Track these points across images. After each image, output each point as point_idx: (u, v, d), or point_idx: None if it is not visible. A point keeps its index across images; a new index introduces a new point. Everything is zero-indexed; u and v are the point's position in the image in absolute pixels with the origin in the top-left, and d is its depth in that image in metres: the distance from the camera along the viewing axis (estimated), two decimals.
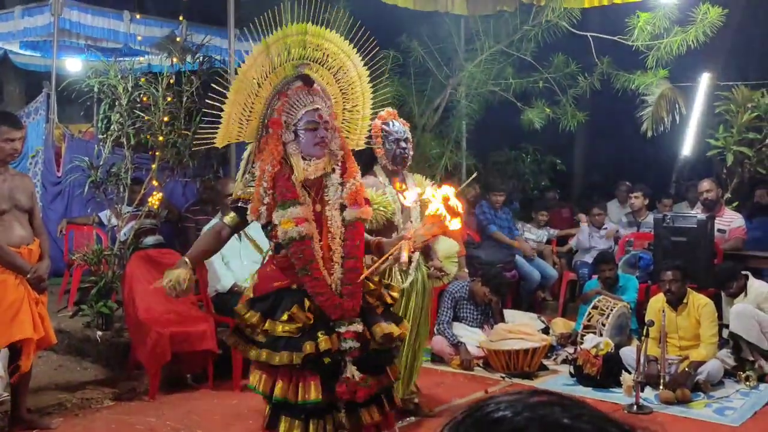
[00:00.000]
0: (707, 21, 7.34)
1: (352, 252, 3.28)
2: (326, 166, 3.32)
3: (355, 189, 3.34)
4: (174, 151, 6.42)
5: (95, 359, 5.85)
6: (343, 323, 3.20)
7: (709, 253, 6.85)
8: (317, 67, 3.47)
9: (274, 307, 3.23)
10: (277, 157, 3.26)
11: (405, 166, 4.77)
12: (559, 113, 8.75)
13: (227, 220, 3.39)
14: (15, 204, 4.44)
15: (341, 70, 3.51)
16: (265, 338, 3.20)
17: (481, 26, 8.55)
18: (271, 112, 3.33)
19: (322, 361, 3.12)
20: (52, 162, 8.01)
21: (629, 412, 5.13)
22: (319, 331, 3.14)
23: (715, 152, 8.13)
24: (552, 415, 0.81)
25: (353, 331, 3.20)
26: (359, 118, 3.64)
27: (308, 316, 3.16)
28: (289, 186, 3.23)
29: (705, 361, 5.59)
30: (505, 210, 8.59)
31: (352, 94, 3.58)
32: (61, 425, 4.74)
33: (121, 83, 6.17)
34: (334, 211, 3.30)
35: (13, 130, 4.43)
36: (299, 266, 3.19)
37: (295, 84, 3.35)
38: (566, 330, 6.91)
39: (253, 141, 3.44)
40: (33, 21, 8.23)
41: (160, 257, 5.97)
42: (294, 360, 3.09)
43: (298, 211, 3.19)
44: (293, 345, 3.12)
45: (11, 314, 4.32)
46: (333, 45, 3.46)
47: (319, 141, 3.26)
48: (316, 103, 3.30)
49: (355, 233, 3.32)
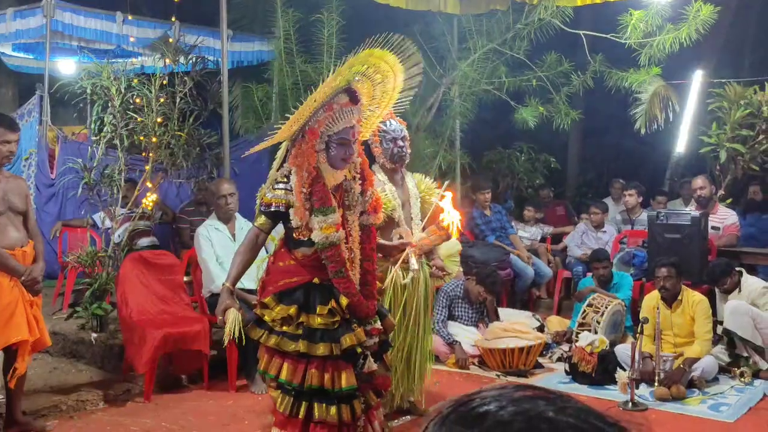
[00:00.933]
0: (700, 18, 7.35)
1: (369, 255, 3.56)
2: (347, 173, 3.58)
3: (376, 197, 3.66)
4: (168, 152, 6.42)
5: (90, 361, 5.84)
6: (369, 321, 3.50)
7: (703, 250, 6.87)
8: (364, 80, 3.64)
9: (306, 300, 3.46)
10: (312, 164, 3.44)
11: (403, 164, 4.80)
12: (552, 111, 8.75)
13: (260, 225, 3.60)
14: (9, 206, 4.44)
15: (383, 82, 3.70)
16: (301, 330, 3.41)
17: (474, 25, 8.55)
18: (314, 121, 3.49)
19: (355, 350, 3.41)
20: (45, 164, 7.99)
21: (624, 409, 5.15)
22: (352, 324, 3.44)
23: (709, 149, 8.14)
24: (536, 408, 0.81)
25: (377, 328, 3.51)
26: (375, 116, 3.90)
27: (344, 310, 3.42)
28: (326, 193, 3.45)
29: (699, 357, 5.60)
30: (497, 209, 8.59)
31: (382, 100, 3.80)
32: (55, 427, 4.74)
33: (114, 85, 6.16)
34: (355, 216, 3.56)
35: (9, 133, 4.43)
36: (335, 269, 3.41)
37: (343, 99, 3.52)
38: (561, 328, 6.93)
39: (287, 141, 3.60)
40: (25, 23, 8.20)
41: (155, 258, 5.98)
42: (334, 351, 3.35)
43: (337, 218, 3.43)
44: (331, 337, 3.38)
45: (6, 316, 4.32)
46: (386, 64, 3.60)
47: (347, 157, 3.49)
48: (354, 120, 3.52)
49: (371, 237, 3.60)
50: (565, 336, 6.71)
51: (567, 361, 5.99)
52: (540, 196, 10.34)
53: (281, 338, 3.44)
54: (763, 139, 7.81)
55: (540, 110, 8.70)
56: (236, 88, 8.57)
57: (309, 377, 3.38)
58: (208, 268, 5.70)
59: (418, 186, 4.87)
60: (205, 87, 6.78)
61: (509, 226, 8.55)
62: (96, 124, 6.43)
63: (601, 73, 8.41)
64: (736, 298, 6.06)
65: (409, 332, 4.76)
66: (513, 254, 8.12)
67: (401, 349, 4.74)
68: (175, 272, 6.00)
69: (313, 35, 7.93)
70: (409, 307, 4.73)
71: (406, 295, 4.70)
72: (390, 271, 4.48)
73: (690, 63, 9.07)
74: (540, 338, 6.21)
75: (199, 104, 6.63)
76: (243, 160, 7.79)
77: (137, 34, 8.42)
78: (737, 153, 7.91)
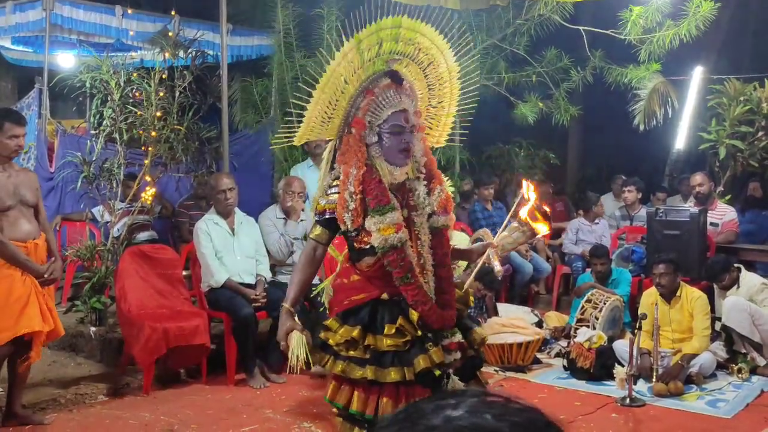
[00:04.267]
0: (700, 15, 7.34)
1: (443, 260, 3.13)
2: (410, 171, 3.15)
3: (445, 196, 3.20)
4: (167, 146, 6.41)
5: (89, 355, 5.85)
6: (447, 334, 3.05)
7: (701, 247, 6.88)
8: (407, 62, 3.24)
9: (371, 320, 3.05)
10: (362, 159, 3.04)
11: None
12: (552, 107, 8.75)
13: (317, 236, 3.18)
14: (20, 199, 4.49)
15: (432, 65, 3.30)
16: (368, 354, 3.01)
17: (474, 20, 8.54)
18: (356, 110, 3.10)
19: (432, 374, 2.98)
20: (44, 157, 7.97)
21: (622, 404, 5.16)
22: (426, 344, 2.98)
23: (708, 146, 8.15)
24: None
25: (457, 342, 3.07)
26: (444, 114, 3.45)
27: (416, 327, 2.99)
28: (383, 189, 3.03)
29: (698, 353, 5.61)
30: (498, 205, 8.59)
31: (440, 90, 3.37)
32: (54, 421, 4.75)
33: (113, 78, 6.15)
34: (423, 218, 3.14)
35: (17, 127, 4.48)
36: (400, 275, 2.99)
37: (383, 81, 3.11)
38: (560, 323, 6.93)
39: (333, 139, 3.21)
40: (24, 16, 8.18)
41: (154, 253, 5.98)
42: (407, 376, 2.93)
43: (397, 217, 3.01)
44: (403, 360, 2.97)
45: (18, 308, 4.37)
46: (426, 39, 3.23)
47: (404, 147, 3.07)
48: (403, 104, 3.08)
49: (444, 240, 3.17)
50: (564, 332, 6.72)
51: (565, 356, 6.00)
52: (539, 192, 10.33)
53: (348, 364, 3.01)
54: (762, 136, 7.82)
55: (539, 106, 8.71)
56: (235, 83, 8.56)
57: (382, 407, 2.95)
58: (207, 263, 5.70)
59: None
60: (205, 81, 6.77)
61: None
62: (95, 117, 6.42)
63: (600, 69, 8.42)
64: (734, 295, 6.07)
65: None
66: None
67: None
68: (174, 266, 6.00)
69: (313, 30, 7.92)
70: None
71: None
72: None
73: (689, 59, 9.05)
74: (538, 334, 6.22)
75: (199, 98, 6.62)
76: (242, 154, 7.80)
77: (137, 28, 8.40)
78: (737, 149, 7.91)
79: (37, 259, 4.54)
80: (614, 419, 5.00)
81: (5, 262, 4.38)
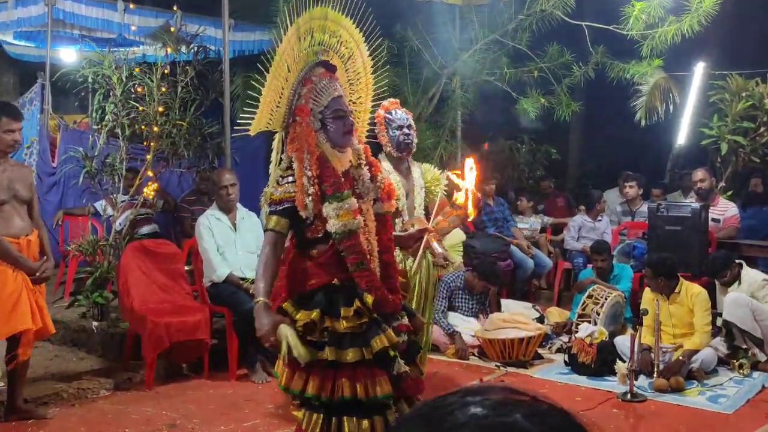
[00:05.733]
0: (702, 10, 7.34)
1: (388, 245, 3.22)
2: (352, 159, 3.22)
3: (388, 183, 3.29)
4: (169, 141, 6.41)
5: (91, 349, 5.87)
6: (396, 316, 3.15)
7: (703, 242, 6.88)
8: (332, 54, 3.32)
9: (329, 303, 3.09)
10: (313, 145, 3.09)
11: (410, 152, 4.83)
12: (553, 103, 8.76)
13: (275, 226, 3.14)
14: (14, 195, 4.45)
15: (351, 59, 3.38)
16: (326, 336, 3.05)
17: (476, 16, 8.54)
18: (298, 98, 3.18)
19: (387, 354, 3.05)
20: (47, 152, 8.00)
21: (623, 400, 5.17)
22: (381, 325, 3.07)
23: (710, 141, 8.15)
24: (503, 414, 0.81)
25: (405, 324, 3.17)
26: (362, 111, 3.50)
27: (370, 310, 3.06)
28: (338, 176, 3.09)
29: (699, 349, 5.62)
30: (499, 201, 8.59)
31: (357, 85, 3.44)
32: (57, 415, 4.76)
33: (115, 74, 6.15)
34: (368, 205, 3.21)
35: (13, 122, 4.44)
36: (355, 261, 3.05)
37: (319, 70, 3.22)
38: (561, 319, 6.94)
39: (280, 130, 3.24)
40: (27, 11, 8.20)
41: (156, 247, 5.99)
42: (365, 355, 3.01)
43: (354, 203, 3.07)
44: (360, 340, 3.03)
45: (10, 305, 4.34)
46: (346, 32, 3.30)
47: (348, 130, 3.14)
48: (339, 91, 3.19)
49: (387, 226, 3.27)
50: (565, 327, 6.73)
51: (566, 352, 6.01)
52: (541, 187, 10.35)
53: (305, 347, 3.05)
54: (764, 132, 7.82)
55: (541, 101, 8.71)
56: (238, 78, 8.56)
57: (339, 388, 3.01)
58: (209, 258, 5.71)
59: (424, 176, 4.89)
60: (207, 76, 6.77)
61: (511, 219, 8.55)
62: (97, 113, 6.42)
63: (602, 65, 8.42)
64: (736, 291, 6.07)
65: None
66: (513, 245, 8.13)
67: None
68: (176, 261, 6.02)
69: None
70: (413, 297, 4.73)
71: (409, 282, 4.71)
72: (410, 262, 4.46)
73: (692, 54, 9.04)
74: (540, 329, 6.23)
75: (201, 94, 6.62)
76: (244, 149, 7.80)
77: (139, 23, 8.41)
78: (738, 145, 7.91)
79: (30, 255, 4.50)
80: (615, 414, 5.01)
81: None
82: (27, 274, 4.45)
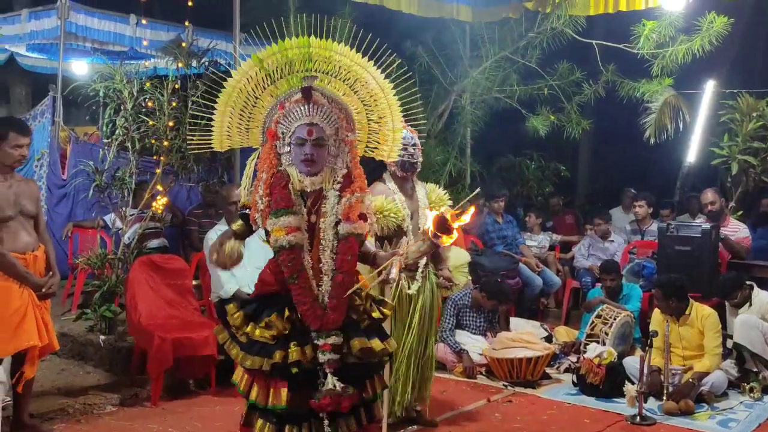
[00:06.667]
0: (713, 30, 7.34)
1: (343, 266, 3.27)
2: (325, 181, 3.32)
3: (350, 204, 3.31)
4: (179, 156, 6.42)
5: (98, 363, 5.84)
6: (322, 335, 3.22)
7: (713, 263, 6.84)
8: (329, 79, 3.41)
9: (258, 310, 3.30)
10: (273, 166, 3.30)
11: (414, 172, 4.79)
12: (563, 120, 8.76)
13: (234, 227, 3.42)
14: (21, 210, 4.43)
15: (358, 82, 3.44)
16: (246, 340, 3.28)
17: (486, 33, 8.56)
18: (270, 122, 3.37)
19: (290, 370, 3.19)
20: (57, 165, 8.02)
21: (632, 422, 5.13)
22: (292, 342, 3.20)
23: (720, 161, 8.12)
24: None
25: (330, 343, 3.22)
26: (390, 129, 3.52)
27: (285, 325, 3.22)
28: (284, 194, 3.26)
29: (709, 372, 5.57)
30: (508, 218, 8.56)
31: (376, 105, 3.48)
32: (63, 431, 4.74)
33: (126, 88, 6.17)
34: (328, 224, 3.29)
35: (21, 137, 4.42)
36: (287, 274, 3.23)
37: (295, 96, 3.35)
38: (569, 338, 6.90)
39: (258, 147, 3.46)
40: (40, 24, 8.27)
41: (164, 263, 5.98)
42: (264, 366, 3.18)
43: (289, 221, 3.22)
44: (266, 351, 3.20)
45: (17, 321, 4.30)
46: (344, 58, 3.38)
47: (304, 158, 3.27)
48: (313, 118, 3.29)
49: (347, 248, 3.29)
50: (574, 347, 6.68)
51: (575, 372, 5.97)
52: (550, 204, 10.32)
53: (233, 345, 3.31)
54: None
55: (551, 119, 8.71)
56: None
57: (252, 391, 3.26)
58: (217, 274, 5.69)
59: (429, 195, 4.86)
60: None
61: (519, 236, 8.52)
62: (108, 126, 6.44)
63: (612, 83, 8.41)
64: (746, 312, 6.03)
65: (414, 341, 4.75)
66: (522, 263, 8.10)
67: (407, 358, 4.74)
68: (184, 276, 6.01)
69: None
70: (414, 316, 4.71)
71: (412, 304, 4.70)
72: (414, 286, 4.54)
73: (702, 73, 9.04)
74: (548, 349, 6.20)
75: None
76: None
77: (150, 37, 8.47)
78: (749, 165, 7.88)
79: (36, 271, 4.47)
80: None
81: (2, 273, 4.30)
82: (33, 289, 4.41)
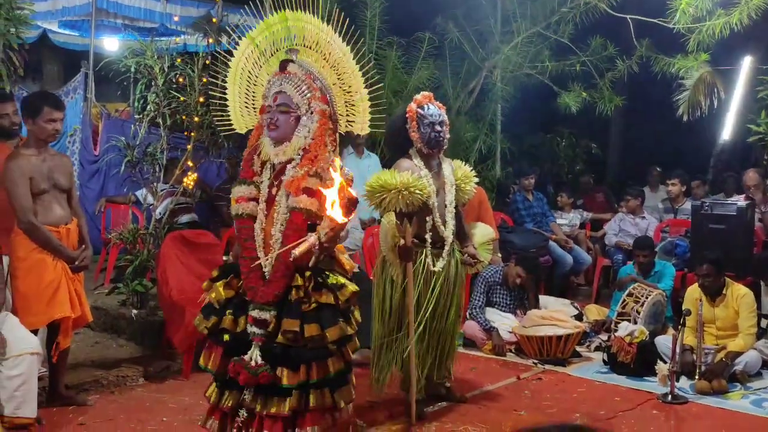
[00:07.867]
0: (752, 3, 7.16)
1: (284, 241, 3.27)
2: (291, 151, 3.34)
3: (293, 177, 3.27)
4: (209, 131, 6.43)
5: (130, 337, 5.92)
6: (255, 307, 3.27)
7: (748, 242, 6.73)
8: (309, 52, 3.51)
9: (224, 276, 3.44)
10: (254, 137, 3.47)
11: (441, 150, 4.73)
12: (595, 97, 8.64)
13: None
14: (54, 184, 4.49)
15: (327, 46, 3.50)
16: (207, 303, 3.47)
17: (518, 8, 8.45)
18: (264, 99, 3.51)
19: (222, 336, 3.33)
20: (89, 141, 8.10)
21: (664, 401, 5.09)
22: (229, 309, 3.33)
23: (756, 138, 7.96)
24: None
25: (254, 317, 3.27)
26: (358, 100, 3.51)
27: (227, 292, 3.36)
28: (247, 165, 3.43)
29: (743, 351, 5.50)
30: (538, 196, 8.50)
31: (344, 74, 3.49)
32: (97, 402, 4.82)
33: (157, 63, 6.18)
34: (283, 198, 3.32)
35: (55, 111, 4.47)
36: (238, 242, 3.40)
37: (276, 70, 3.49)
38: (600, 317, 6.85)
39: None
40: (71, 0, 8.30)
41: (195, 238, 6.01)
42: (200, 327, 3.42)
43: (242, 190, 3.39)
44: (206, 315, 3.40)
45: (50, 293, 4.39)
46: (311, 26, 3.49)
47: (266, 124, 3.37)
48: (282, 87, 3.38)
49: (289, 222, 3.28)
50: (604, 325, 6.64)
51: (606, 350, 5.93)
52: (580, 182, 10.22)
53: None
54: None
55: (583, 95, 8.60)
56: None
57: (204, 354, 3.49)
58: None
59: (455, 173, 4.81)
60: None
61: (550, 214, 8.45)
62: (139, 102, 6.47)
63: (646, 59, 8.27)
64: None
65: (437, 318, 4.72)
66: (552, 240, 8.04)
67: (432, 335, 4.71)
68: (214, 251, 6.03)
69: (356, 16, 7.87)
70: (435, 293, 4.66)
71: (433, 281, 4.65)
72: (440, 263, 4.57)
73: (739, 48, 8.82)
74: (578, 327, 6.16)
75: None
76: None
77: (180, 13, 8.47)
78: None
79: (69, 244, 4.55)
80: (655, 416, 4.93)
81: (37, 246, 4.39)
82: (66, 262, 4.50)
